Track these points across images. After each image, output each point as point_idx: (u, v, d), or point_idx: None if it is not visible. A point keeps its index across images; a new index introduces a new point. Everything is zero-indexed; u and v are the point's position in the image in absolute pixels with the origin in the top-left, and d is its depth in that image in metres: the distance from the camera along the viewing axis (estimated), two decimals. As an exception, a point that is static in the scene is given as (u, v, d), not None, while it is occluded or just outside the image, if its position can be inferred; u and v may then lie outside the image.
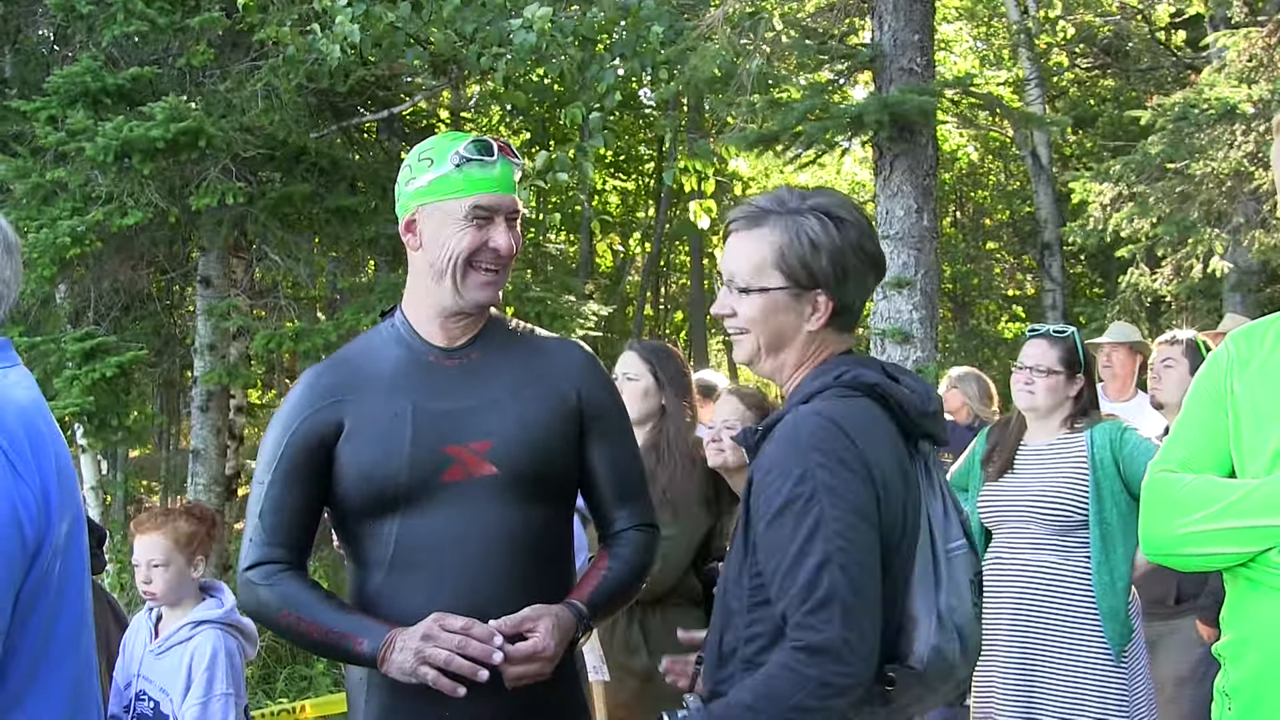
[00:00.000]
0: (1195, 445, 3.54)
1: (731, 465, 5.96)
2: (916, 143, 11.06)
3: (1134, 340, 8.98)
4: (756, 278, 3.29)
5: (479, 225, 3.75)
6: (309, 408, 3.77)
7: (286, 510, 3.76)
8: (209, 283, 13.94)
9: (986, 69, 27.85)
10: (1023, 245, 28.37)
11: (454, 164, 3.76)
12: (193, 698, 5.39)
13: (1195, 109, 12.20)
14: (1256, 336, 3.55)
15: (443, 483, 3.72)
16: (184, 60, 12.92)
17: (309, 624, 3.65)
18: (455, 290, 3.78)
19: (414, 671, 3.51)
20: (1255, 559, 3.29)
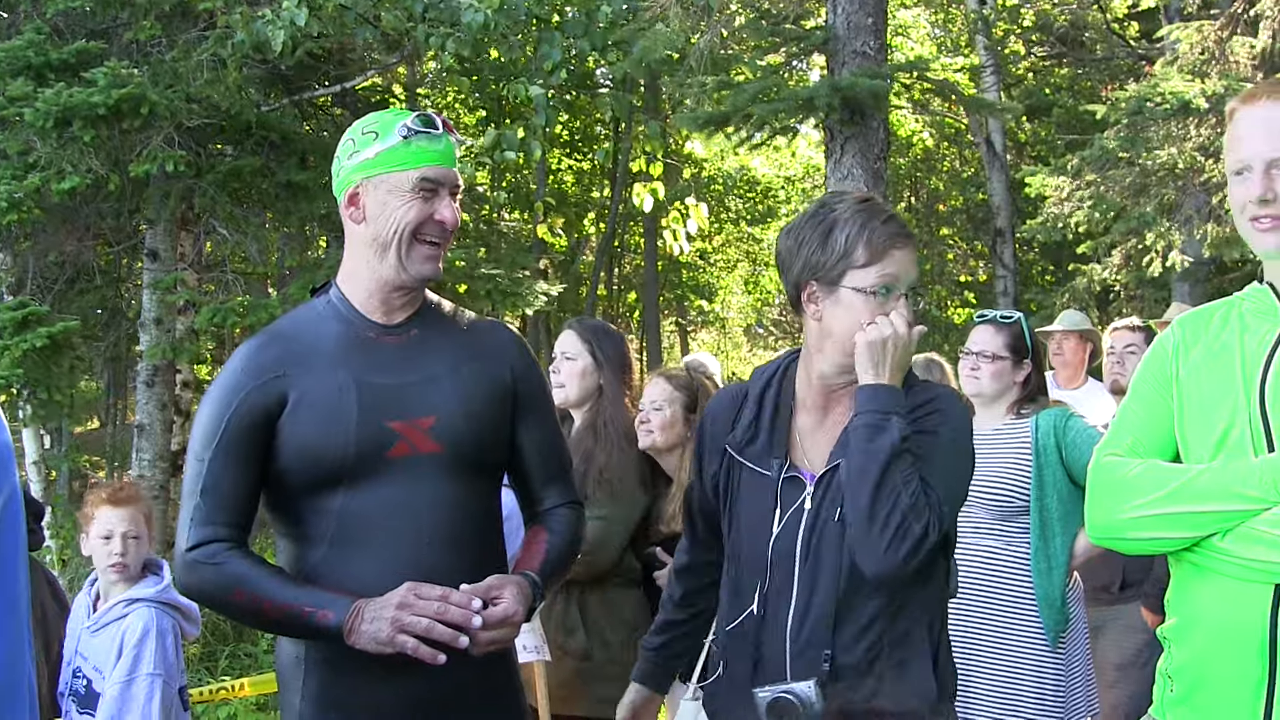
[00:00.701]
0: (1141, 430, 3.57)
1: (661, 446, 5.99)
2: (868, 126, 11.03)
3: (1084, 328, 8.99)
4: None
5: (425, 198, 3.77)
6: (250, 382, 3.72)
7: (228, 486, 3.69)
8: (156, 256, 13.83)
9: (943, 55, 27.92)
10: (975, 232, 28.51)
11: (401, 136, 3.77)
12: (116, 675, 5.37)
13: (1149, 103, 12.24)
14: (1202, 321, 3.58)
15: (388, 458, 3.71)
16: (130, 34, 12.81)
17: (265, 601, 3.58)
18: (399, 263, 3.78)
19: (390, 640, 3.49)
20: (1200, 544, 3.32)
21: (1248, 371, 3.36)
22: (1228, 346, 3.45)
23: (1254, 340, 3.41)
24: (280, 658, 3.91)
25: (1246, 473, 3.24)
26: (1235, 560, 3.25)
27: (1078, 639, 5.98)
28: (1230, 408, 3.36)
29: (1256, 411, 3.30)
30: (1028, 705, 5.79)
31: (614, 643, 5.80)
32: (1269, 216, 3.33)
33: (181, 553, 3.66)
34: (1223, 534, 3.26)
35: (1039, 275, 27.35)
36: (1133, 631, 6.98)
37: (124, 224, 14.85)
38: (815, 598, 3.63)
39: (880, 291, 3.60)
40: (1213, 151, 12.45)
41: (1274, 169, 3.30)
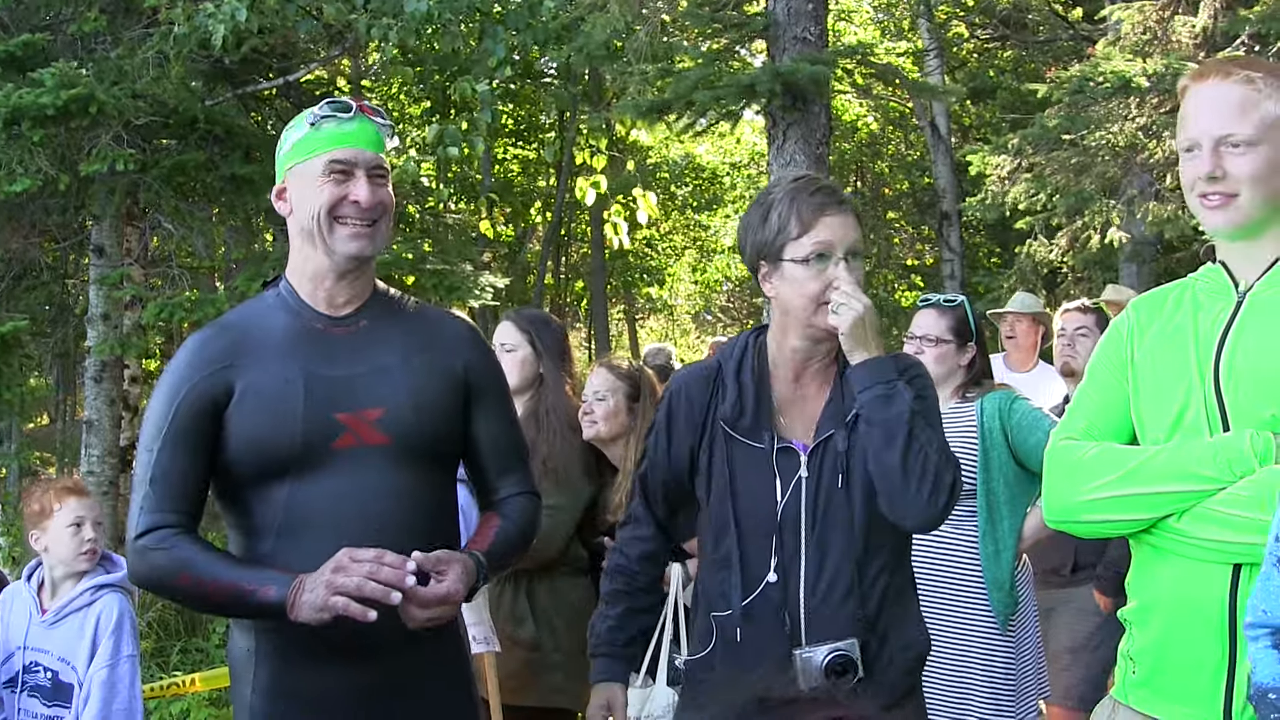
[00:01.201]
0: (1097, 413, 3.61)
1: (605, 436, 6.02)
2: (810, 112, 11.04)
3: (1037, 311, 9.03)
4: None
5: (337, 180, 3.79)
6: (197, 373, 3.74)
7: (176, 475, 3.71)
8: (102, 252, 13.73)
9: (887, 39, 27.96)
10: (922, 215, 28.56)
11: (309, 123, 3.84)
12: (100, 661, 5.41)
13: (1091, 82, 12.30)
14: (1156, 303, 3.62)
15: (334, 449, 3.74)
16: (75, 27, 12.74)
17: (210, 583, 3.61)
18: (325, 245, 3.81)
19: (325, 603, 3.51)
20: (1157, 525, 3.35)
21: (1201, 352, 3.39)
22: (1181, 327, 3.48)
23: (1207, 320, 3.44)
24: (232, 651, 3.93)
25: (1200, 453, 3.28)
26: (1192, 541, 3.28)
27: (1027, 622, 6.00)
28: (1185, 388, 3.39)
29: (1211, 391, 3.34)
30: (978, 689, 5.78)
31: (563, 632, 5.82)
32: (1217, 194, 3.36)
33: (131, 540, 3.69)
34: (1179, 515, 3.29)
35: (985, 258, 27.44)
36: (1085, 614, 7.01)
37: (70, 220, 14.76)
38: (828, 561, 3.85)
39: (814, 258, 3.81)
40: (1154, 131, 12.52)
41: (1222, 146, 3.34)
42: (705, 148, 33.20)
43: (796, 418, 4.01)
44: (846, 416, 3.92)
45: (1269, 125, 3.33)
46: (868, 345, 3.75)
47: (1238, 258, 3.47)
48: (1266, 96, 3.33)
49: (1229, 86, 3.36)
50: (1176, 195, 12.97)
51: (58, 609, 5.54)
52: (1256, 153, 3.32)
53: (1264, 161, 3.32)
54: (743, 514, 3.95)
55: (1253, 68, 3.39)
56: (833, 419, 3.94)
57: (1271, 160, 3.33)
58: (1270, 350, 3.28)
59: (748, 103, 11.32)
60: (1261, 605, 2.85)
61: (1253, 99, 3.33)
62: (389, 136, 4.00)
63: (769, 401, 4.01)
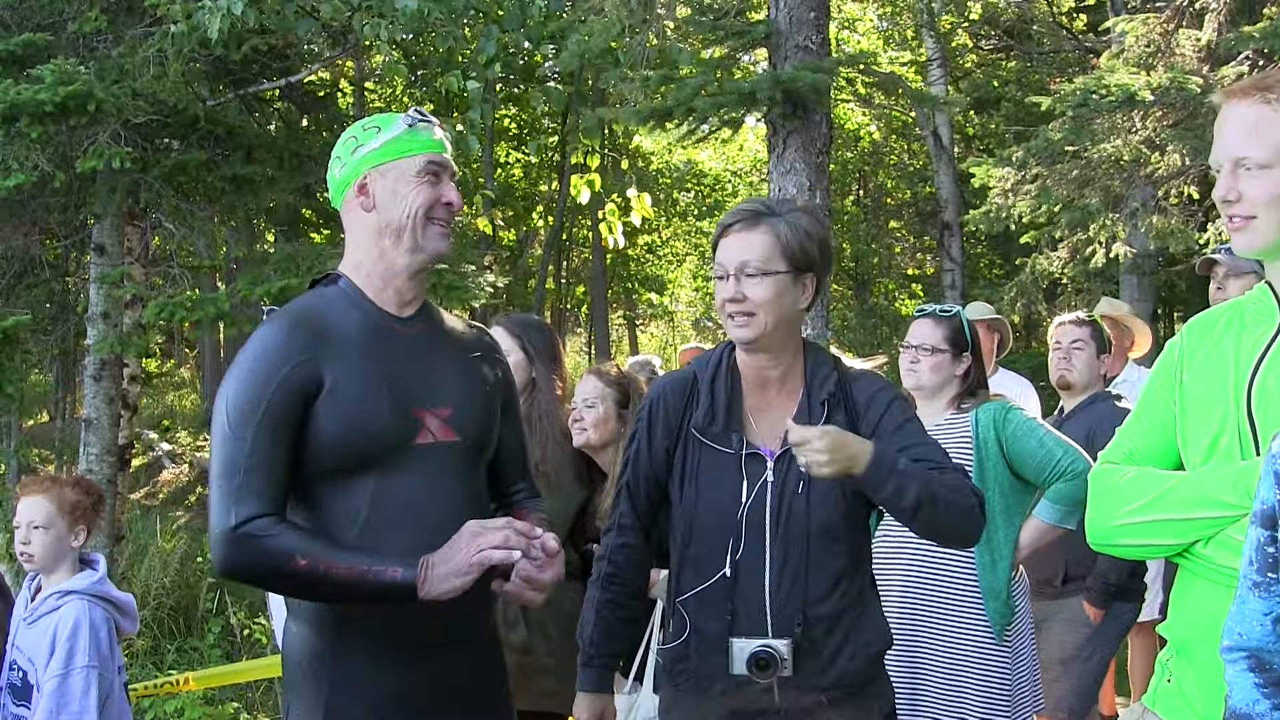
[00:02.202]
0: (1142, 437, 3.63)
1: (595, 443, 6.07)
2: (810, 120, 11.01)
3: (991, 318, 9.06)
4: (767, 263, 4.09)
5: (430, 182, 3.95)
6: (287, 362, 3.76)
7: (270, 464, 3.71)
8: (103, 250, 13.74)
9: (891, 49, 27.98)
10: (923, 225, 28.58)
11: (406, 125, 3.99)
12: (52, 669, 5.36)
13: (1095, 95, 12.28)
14: (1208, 325, 3.60)
15: (414, 445, 3.87)
16: (76, 26, 12.75)
17: (331, 565, 3.60)
18: (415, 242, 3.94)
19: (469, 564, 3.63)
20: (1189, 549, 3.37)
21: (1238, 375, 3.38)
22: (1225, 350, 3.46)
23: (1249, 342, 3.42)
24: (295, 650, 3.98)
25: (1223, 479, 3.27)
26: (1214, 567, 3.30)
27: (1023, 632, 5.96)
28: (1221, 412, 3.38)
29: (1244, 416, 3.32)
30: (974, 698, 5.74)
31: (555, 636, 5.82)
32: (1238, 216, 3.34)
33: (226, 530, 3.65)
34: (1205, 541, 3.31)
35: (986, 268, 27.47)
36: (1075, 625, 6.99)
37: (71, 218, 14.77)
38: (789, 561, 4.05)
39: (717, 277, 4.22)
40: (1158, 144, 12.51)
41: (1240, 168, 3.32)
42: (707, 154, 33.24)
43: (766, 425, 4.22)
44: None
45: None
46: (856, 465, 3.83)
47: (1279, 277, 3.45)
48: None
49: (1246, 107, 3.34)
50: (1179, 208, 12.98)
51: (34, 609, 5.53)
52: (1271, 175, 3.29)
53: (1279, 184, 3.30)
54: (709, 514, 4.16)
55: (1279, 86, 3.35)
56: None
57: None
58: None
59: (748, 110, 11.31)
60: (1237, 628, 2.86)
61: (1269, 120, 3.30)
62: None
63: (739, 409, 4.25)
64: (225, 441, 3.72)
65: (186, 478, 27.85)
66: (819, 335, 10.95)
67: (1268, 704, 2.79)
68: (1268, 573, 2.78)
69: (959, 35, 25.80)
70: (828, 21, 11.64)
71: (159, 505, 24.32)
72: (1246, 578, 2.83)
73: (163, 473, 28.09)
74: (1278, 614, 2.78)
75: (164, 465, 28.58)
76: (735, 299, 4.09)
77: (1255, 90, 3.35)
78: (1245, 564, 2.83)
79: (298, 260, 12.94)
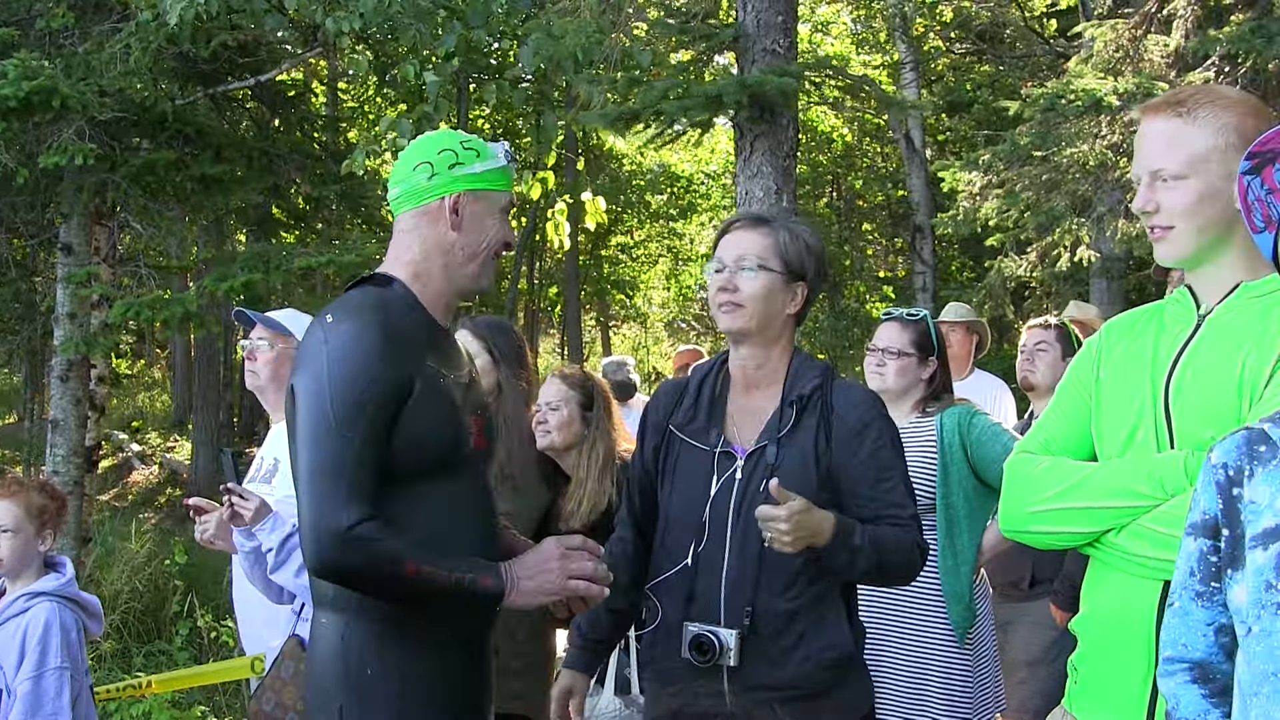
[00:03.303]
0: (1058, 429, 3.70)
1: (559, 445, 6.09)
2: (777, 124, 11.00)
3: (971, 320, 9.11)
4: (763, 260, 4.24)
5: (506, 220, 4.04)
6: (386, 363, 3.71)
7: (373, 464, 3.65)
8: (70, 250, 13.73)
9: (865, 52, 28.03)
10: (895, 228, 28.64)
11: (506, 159, 4.04)
12: (25, 672, 5.32)
13: (1062, 100, 12.32)
14: (1127, 325, 3.70)
15: (465, 453, 3.91)
16: (44, 23, 12.72)
17: (433, 571, 3.59)
18: (480, 273, 4.00)
19: (560, 588, 3.75)
20: (1101, 539, 3.42)
21: (1156, 372, 3.45)
22: (1143, 348, 3.54)
23: (1168, 341, 3.49)
24: (321, 671, 3.86)
25: (1138, 470, 3.35)
26: (1127, 556, 3.35)
27: (985, 636, 5.99)
28: (1138, 408, 3.45)
29: (1161, 410, 3.39)
30: (935, 702, 5.77)
31: (520, 638, 5.83)
32: (1157, 226, 3.43)
33: (340, 530, 3.56)
34: (1118, 530, 3.36)
35: (958, 271, 27.53)
36: (1042, 628, 7.01)
37: (38, 217, 14.76)
38: (746, 554, 4.15)
39: (713, 270, 4.34)
40: (1125, 149, 12.55)
41: (1157, 180, 3.41)
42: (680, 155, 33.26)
43: (746, 426, 4.32)
44: (782, 431, 4.23)
45: (1196, 158, 3.39)
46: (818, 540, 3.94)
47: (1202, 281, 3.51)
48: (1197, 129, 3.39)
49: (1162, 121, 3.44)
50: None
51: (0, 611, 5.50)
52: (1186, 186, 3.39)
53: (1194, 194, 3.39)
54: (680, 507, 4.33)
55: (1191, 100, 3.45)
56: (770, 431, 4.25)
57: (1202, 193, 3.38)
58: (1215, 374, 3.33)
59: (715, 113, 11.31)
60: (1181, 639, 2.87)
61: (1183, 132, 3.40)
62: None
63: (723, 409, 4.38)
64: (327, 437, 3.64)
65: (156, 479, 27.80)
66: (787, 336, 10.95)
67: (1218, 713, 2.80)
68: (1210, 582, 2.79)
69: (931, 39, 25.83)
70: (795, 25, 11.65)
71: (128, 506, 24.24)
72: (1188, 589, 2.84)
73: (132, 474, 28.02)
74: (1220, 624, 2.80)
75: (133, 466, 28.52)
76: (726, 288, 4.23)
77: (1169, 105, 3.45)
78: (1185, 575, 2.85)
79: (265, 259, 12.92)
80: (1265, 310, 3.36)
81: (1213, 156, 3.38)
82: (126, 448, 29.48)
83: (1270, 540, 2.64)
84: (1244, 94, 3.59)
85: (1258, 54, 11.30)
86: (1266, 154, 2.97)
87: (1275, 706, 2.59)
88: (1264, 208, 2.98)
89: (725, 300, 4.23)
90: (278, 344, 5.78)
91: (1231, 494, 2.76)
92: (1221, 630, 2.80)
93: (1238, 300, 3.42)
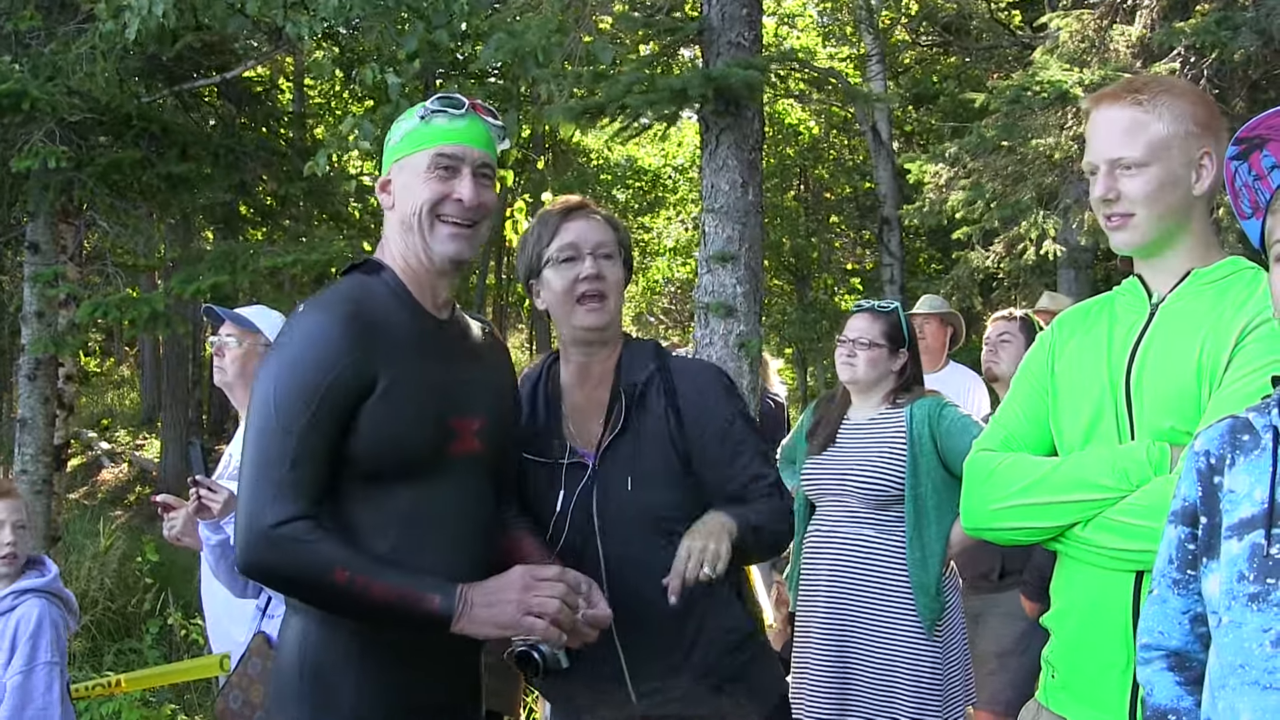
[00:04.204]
0: (1016, 425, 3.72)
1: None
2: (742, 117, 10.99)
3: (945, 312, 9.16)
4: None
5: (442, 176, 3.70)
6: (344, 356, 3.54)
7: (317, 462, 3.50)
8: (37, 249, 13.68)
9: (831, 44, 28.06)
10: (863, 220, 28.68)
11: (420, 116, 3.76)
12: (15, 666, 5.33)
13: (1028, 91, 12.35)
14: (1079, 317, 3.75)
15: (450, 455, 3.69)
16: (11, 24, 12.67)
17: (370, 583, 3.40)
18: (424, 244, 3.71)
19: (516, 622, 3.48)
20: (1067, 533, 3.45)
21: (1113, 363, 3.49)
22: (1098, 339, 3.58)
23: (1122, 331, 3.54)
24: (287, 662, 3.73)
25: (1100, 462, 3.38)
26: (1096, 549, 3.38)
27: (954, 628, 6.02)
28: (1097, 399, 3.49)
29: (1122, 401, 3.43)
30: (905, 693, 5.81)
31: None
32: (1117, 215, 3.47)
33: (263, 528, 3.43)
34: (1084, 524, 3.39)
35: (925, 263, 27.59)
36: (1012, 620, 7.04)
37: (4, 216, 14.71)
38: (627, 558, 4.06)
39: (565, 259, 4.20)
40: (1090, 141, 12.59)
41: (1116, 169, 3.45)
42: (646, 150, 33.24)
43: (586, 427, 4.26)
44: (623, 418, 4.16)
45: (1157, 146, 3.43)
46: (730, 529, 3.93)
47: (1152, 271, 3.57)
48: (1156, 117, 3.44)
49: (1119, 110, 3.48)
50: (1111, 204, 13.04)
51: None
52: (1148, 173, 3.43)
53: (1155, 182, 3.43)
54: (540, 523, 4.20)
55: (1147, 89, 3.50)
56: (613, 428, 4.16)
57: (1163, 180, 3.43)
58: (1173, 362, 3.37)
59: (680, 107, 11.29)
60: (1158, 627, 2.90)
61: (1142, 121, 3.45)
62: (501, 139, 3.90)
63: (558, 414, 4.30)
64: (268, 432, 3.51)
65: (125, 477, 27.74)
66: (751, 331, 10.97)
67: (1191, 700, 2.83)
68: (1187, 570, 2.82)
69: (898, 31, 25.88)
70: (761, 18, 11.64)
71: (97, 505, 24.19)
72: (1166, 575, 2.88)
73: (101, 472, 27.97)
74: (1195, 612, 2.83)
75: (103, 464, 28.46)
76: (595, 276, 4.17)
77: (1126, 93, 3.49)
78: (1164, 562, 2.88)
79: (233, 257, 12.89)
80: (1219, 295, 3.41)
81: (1173, 143, 3.44)
82: (95, 446, 29.42)
83: (1245, 530, 2.67)
84: (1189, 83, 3.65)
85: (1223, 45, 11.34)
86: (1254, 139, 2.99)
87: (1240, 699, 2.61)
88: (1251, 193, 3.01)
89: (592, 290, 4.17)
90: (245, 340, 5.80)
91: (1212, 482, 2.79)
92: (1198, 619, 2.83)
93: (1190, 287, 3.47)
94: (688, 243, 32.76)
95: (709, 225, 11.16)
